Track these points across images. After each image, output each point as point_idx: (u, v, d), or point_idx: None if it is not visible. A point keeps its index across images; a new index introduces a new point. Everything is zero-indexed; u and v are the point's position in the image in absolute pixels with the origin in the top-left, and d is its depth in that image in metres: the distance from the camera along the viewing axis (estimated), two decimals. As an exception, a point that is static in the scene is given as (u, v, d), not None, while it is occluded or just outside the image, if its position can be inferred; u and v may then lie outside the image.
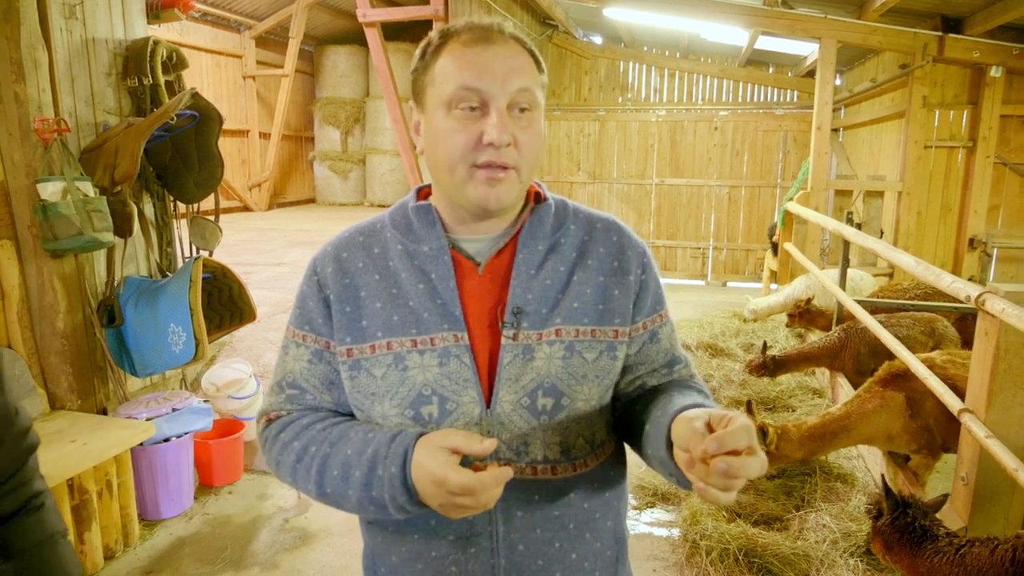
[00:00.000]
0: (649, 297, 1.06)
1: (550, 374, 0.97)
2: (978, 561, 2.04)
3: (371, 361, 0.98)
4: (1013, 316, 2.27)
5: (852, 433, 3.12)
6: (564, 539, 1.00)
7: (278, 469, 1.02)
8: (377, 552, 1.05)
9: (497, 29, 0.95)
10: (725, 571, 2.67)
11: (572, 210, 1.08)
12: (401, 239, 1.03)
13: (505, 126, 0.91)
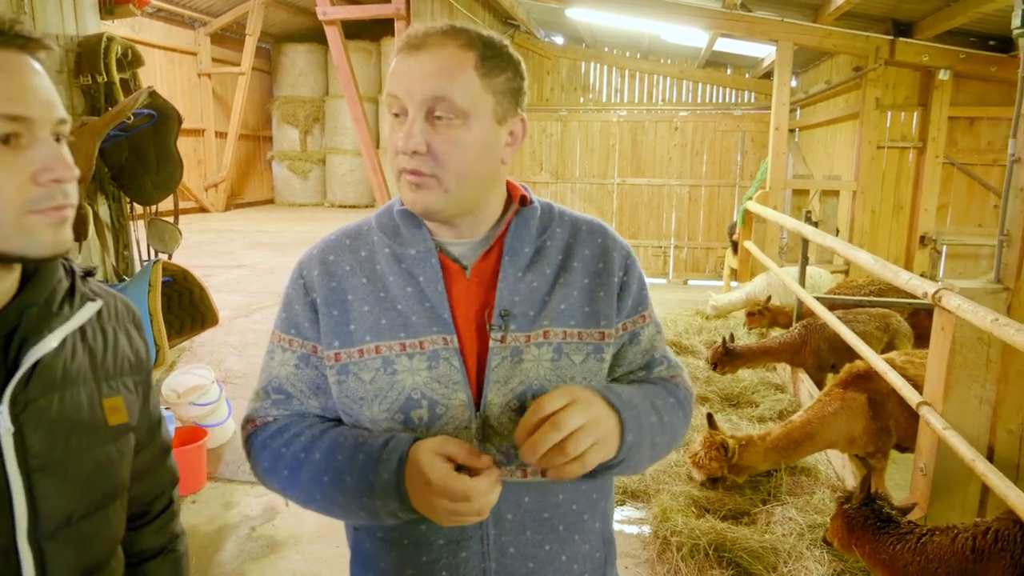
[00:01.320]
0: (630, 299, 1.06)
1: (539, 376, 0.97)
2: (939, 550, 2.11)
3: (359, 365, 0.97)
4: (968, 312, 2.35)
5: (816, 439, 3.20)
6: (554, 541, 1.00)
7: (265, 476, 1.00)
8: (365, 559, 1.03)
9: (437, 32, 0.93)
10: (696, 566, 2.70)
11: (558, 213, 1.07)
12: (388, 242, 1.02)
13: (412, 134, 0.91)
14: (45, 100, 0.75)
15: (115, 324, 0.92)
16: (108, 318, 0.91)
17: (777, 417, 4.27)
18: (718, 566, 2.70)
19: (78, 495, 0.82)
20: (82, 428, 0.83)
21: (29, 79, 0.74)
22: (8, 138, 0.72)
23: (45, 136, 0.75)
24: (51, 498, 0.78)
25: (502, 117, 0.96)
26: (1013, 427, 2.64)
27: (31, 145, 0.73)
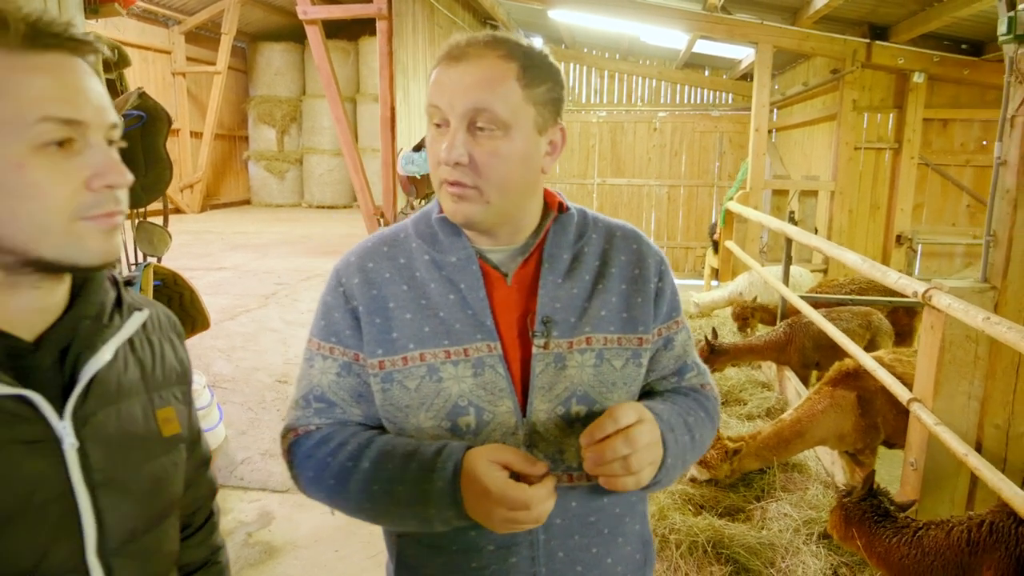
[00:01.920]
0: (665, 304, 1.08)
1: (582, 382, 0.98)
2: (935, 543, 2.17)
3: (404, 373, 0.97)
4: (959, 311, 2.41)
5: (806, 437, 3.26)
6: (600, 544, 1.01)
7: (309, 486, 1.00)
8: (410, 566, 1.04)
9: (479, 42, 0.93)
10: (695, 563, 2.74)
11: (592, 219, 1.08)
12: (427, 249, 1.02)
13: (454, 145, 0.91)
14: (98, 104, 0.73)
15: (159, 334, 0.91)
16: (152, 328, 0.90)
17: (765, 415, 4.34)
18: (716, 562, 2.74)
19: (139, 509, 0.81)
20: (139, 441, 0.82)
21: (83, 82, 0.72)
22: (62, 142, 0.71)
23: (98, 141, 0.73)
24: (115, 513, 0.77)
25: (542, 127, 0.97)
26: (1000, 422, 2.72)
27: (84, 150, 0.72)
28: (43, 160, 0.69)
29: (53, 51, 0.70)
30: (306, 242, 8.83)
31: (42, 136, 0.69)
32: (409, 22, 8.60)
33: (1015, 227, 2.56)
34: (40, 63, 0.69)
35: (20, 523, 0.69)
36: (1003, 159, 2.60)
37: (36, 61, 0.69)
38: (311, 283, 6.43)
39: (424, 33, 9.26)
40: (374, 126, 12.12)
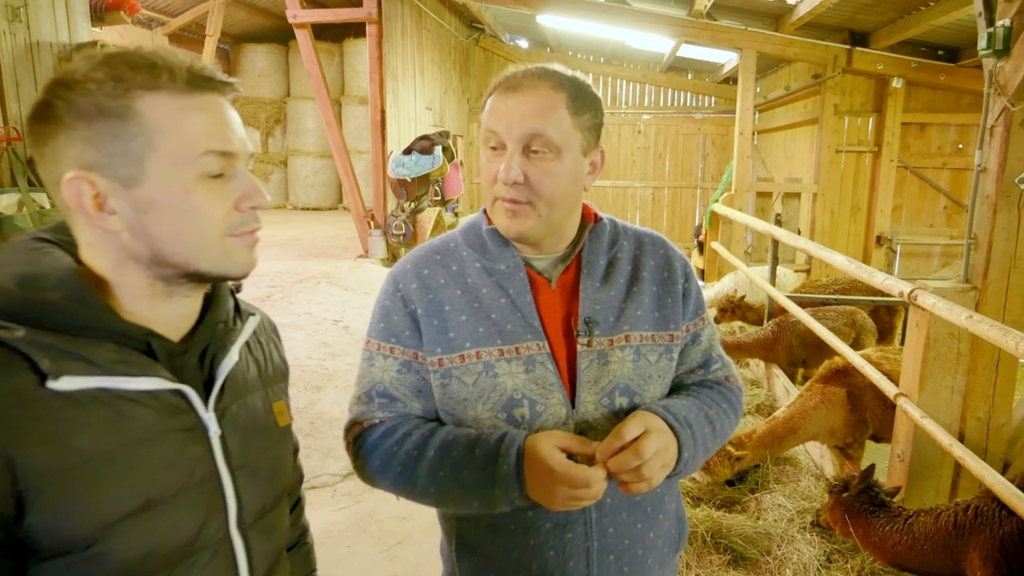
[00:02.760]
0: (692, 303, 1.19)
1: (623, 376, 1.09)
2: (925, 528, 2.30)
3: (461, 369, 1.07)
4: (944, 310, 2.55)
5: (799, 433, 3.39)
6: (644, 520, 1.12)
7: (376, 474, 1.08)
8: (470, 545, 1.13)
9: (532, 74, 1.04)
10: (695, 552, 2.85)
11: (621, 227, 1.19)
12: (477, 257, 1.12)
13: (511, 166, 1.02)
14: (241, 136, 0.83)
15: (266, 336, 1.01)
16: (261, 331, 1.00)
17: (754, 411, 4.47)
18: (715, 551, 2.86)
19: (265, 490, 0.91)
20: (261, 430, 0.92)
21: (230, 118, 0.82)
22: (222, 172, 0.81)
23: (243, 168, 0.83)
24: (249, 493, 0.88)
25: (586, 149, 1.08)
26: (981, 414, 2.86)
27: (233, 176, 0.82)
28: (204, 186, 0.80)
29: (208, 92, 0.80)
30: (296, 244, 8.85)
31: (205, 167, 0.79)
32: (398, 26, 8.67)
33: (994, 231, 2.71)
34: (200, 103, 0.80)
35: (186, 498, 0.81)
36: (983, 167, 2.75)
37: (197, 102, 0.79)
38: (304, 285, 6.47)
39: (412, 36, 9.33)
40: (359, 128, 12.17)
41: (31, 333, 0.73)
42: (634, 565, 1.12)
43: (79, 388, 0.74)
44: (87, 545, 0.73)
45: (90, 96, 0.75)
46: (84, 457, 0.73)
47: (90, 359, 0.75)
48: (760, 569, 2.77)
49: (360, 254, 8.19)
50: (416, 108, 9.53)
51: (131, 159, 0.77)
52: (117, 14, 3.61)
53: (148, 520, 0.77)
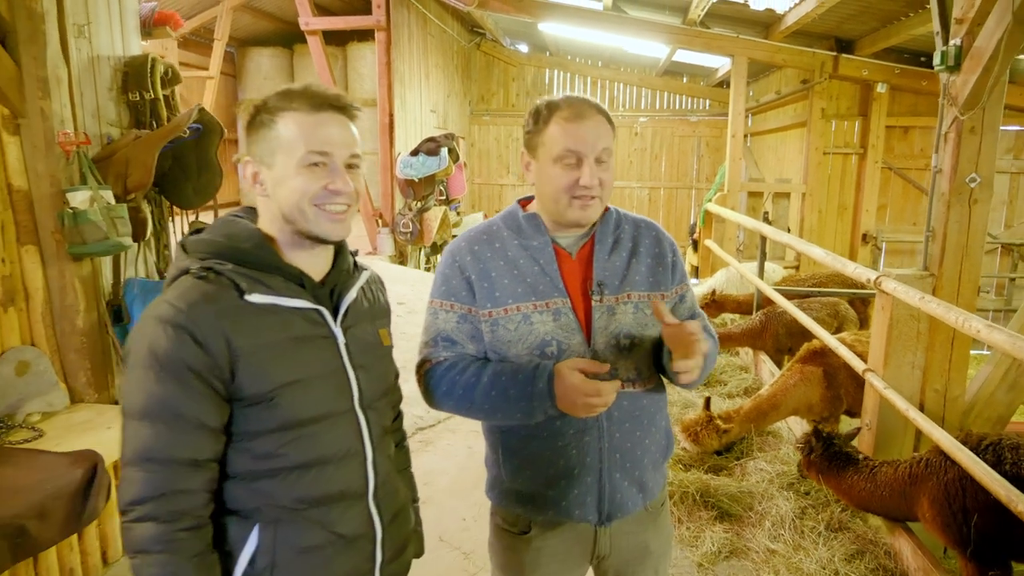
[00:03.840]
0: (677, 272, 1.56)
1: (626, 324, 1.45)
2: (886, 477, 2.68)
3: (506, 319, 1.43)
4: (903, 293, 2.92)
5: (781, 408, 3.78)
6: (641, 429, 1.49)
7: (443, 398, 1.44)
8: (513, 450, 1.50)
9: (592, 107, 1.42)
10: (686, 510, 3.22)
11: (623, 215, 1.57)
12: (515, 237, 1.49)
13: (593, 174, 1.40)
14: (342, 143, 1.21)
15: (375, 285, 1.41)
16: (371, 281, 1.40)
17: (743, 393, 4.84)
18: (704, 508, 3.23)
19: (375, 385, 1.31)
20: (372, 345, 1.33)
21: (336, 129, 1.21)
22: (318, 163, 1.19)
23: (338, 164, 1.20)
24: (365, 384, 1.27)
25: None
26: (938, 387, 3.23)
27: (327, 168, 1.20)
28: (304, 171, 1.19)
29: (326, 111, 1.20)
30: (306, 242, 9.16)
31: (304, 161, 1.19)
32: (404, 33, 9.02)
33: (948, 224, 3.08)
34: (317, 120, 1.19)
35: (324, 381, 1.22)
36: (939, 168, 3.13)
37: (317, 118, 1.19)
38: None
39: (418, 42, 9.69)
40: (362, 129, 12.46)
41: (234, 268, 1.17)
42: (634, 462, 1.49)
43: (261, 302, 1.17)
44: (268, 399, 1.15)
45: (259, 114, 1.22)
46: (265, 343, 1.16)
47: (267, 284, 1.19)
48: (743, 523, 3.15)
49: (369, 251, 8.55)
50: (421, 111, 9.88)
51: (269, 152, 1.20)
52: (163, 29, 3.96)
53: (301, 389, 1.18)
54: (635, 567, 1.59)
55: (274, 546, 1.18)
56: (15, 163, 3.09)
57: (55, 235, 3.18)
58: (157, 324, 1.11)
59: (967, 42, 2.91)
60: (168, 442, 1.09)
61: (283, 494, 1.18)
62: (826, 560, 2.69)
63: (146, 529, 1.08)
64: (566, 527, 1.52)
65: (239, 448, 1.16)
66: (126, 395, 1.13)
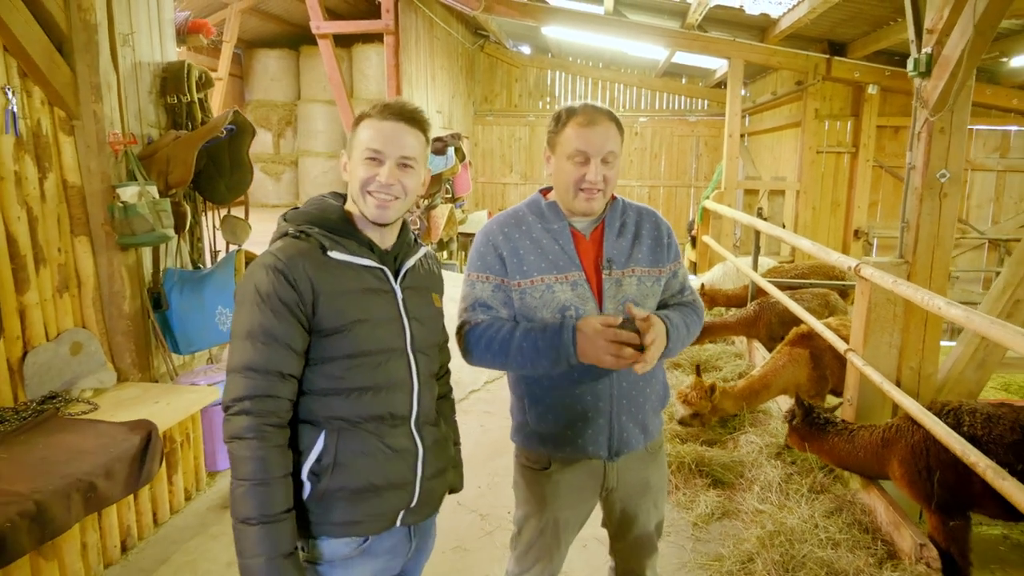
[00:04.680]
0: (672, 252, 1.86)
1: (631, 293, 1.75)
2: (862, 440, 2.98)
3: (532, 289, 1.73)
4: (879, 278, 3.21)
5: (771, 387, 4.07)
6: (643, 380, 1.79)
7: (481, 355, 1.72)
8: (535, 398, 1.79)
9: (602, 113, 1.70)
10: (683, 477, 3.52)
11: (627, 203, 1.86)
12: (538, 220, 1.79)
13: (598, 172, 1.68)
14: (396, 145, 1.50)
15: (431, 260, 1.71)
16: (427, 257, 1.70)
17: (737, 378, 5.13)
18: (699, 477, 3.52)
19: (427, 335, 1.61)
20: (425, 303, 1.63)
21: (395, 134, 1.50)
22: (374, 159, 1.50)
23: (390, 162, 1.50)
24: (417, 331, 1.58)
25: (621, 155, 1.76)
26: (914, 364, 3.52)
27: (383, 164, 1.50)
28: (363, 164, 1.50)
29: (391, 120, 1.50)
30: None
31: (364, 155, 1.50)
32: (412, 36, 9.31)
33: (921, 216, 3.38)
34: (382, 125, 1.50)
35: (386, 324, 1.53)
36: (913, 165, 3.42)
37: (382, 124, 1.50)
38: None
39: (424, 45, 9.98)
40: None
41: (320, 232, 1.51)
42: (638, 407, 1.79)
43: (340, 258, 1.49)
44: (342, 330, 1.46)
45: (358, 119, 1.55)
46: (342, 289, 1.47)
47: (345, 247, 1.51)
48: (735, 488, 3.45)
49: (378, 247, 8.84)
50: (428, 112, 10.17)
51: (352, 147, 1.54)
52: (196, 37, 4.25)
53: (368, 327, 1.49)
54: (638, 500, 1.90)
55: (336, 449, 1.47)
56: (70, 161, 3.39)
57: (105, 227, 3.48)
58: (262, 269, 1.43)
59: (937, 51, 3.20)
60: (265, 357, 1.40)
61: (347, 409, 1.47)
62: (807, 516, 2.99)
63: (243, 420, 1.38)
64: (581, 463, 1.82)
65: (315, 370, 1.47)
66: (235, 322, 1.46)
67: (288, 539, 1.40)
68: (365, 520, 1.51)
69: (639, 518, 1.92)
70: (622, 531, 1.96)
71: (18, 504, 2.35)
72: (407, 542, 1.62)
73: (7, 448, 2.75)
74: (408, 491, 1.55)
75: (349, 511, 1.49)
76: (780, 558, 2.69)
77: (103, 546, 2.91)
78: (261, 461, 1.37)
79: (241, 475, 1.38)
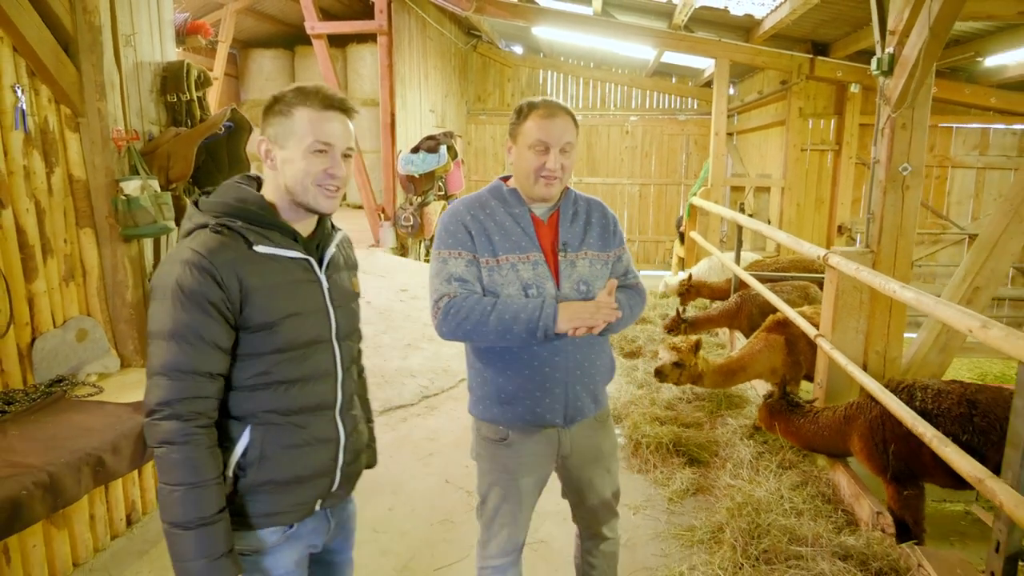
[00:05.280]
0: (617, 237, 2.05)
1: (584, 274, 1.94)
2: (826, 419, 3.17)
3: (499, 267, 1.90)
4: (844, 266, 3.40)
5: (748, 370, 4.26)
6: (594, 352, 1.98)
7: (457, 328, 1.86)
8: (497, 371, 1.95)
9: (560, 107, 1.88)
10: (660, 457, 3.70)
11: (577, 194, 2.05)
12: (501, 205, 1.96)
13: (557, 160, 1.86)
14: (342, 137, 1.52)
15: (346, 244, 1.77)
16: (344, 240, 1.74)
17: (719, 367, 5.32)
18: (676, 456, 3.71)
19: (348, 323, 1.66)
20: (345, 291, 1.67)
21: (338, 126, 1.52)
22: (322, 151, 1.49)
23: (337, 154, 1.52)
24: (340, 320, 1.62)
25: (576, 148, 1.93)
26: (879, 348, 3.71)
27: (329, 156, 1.51)
28: (309, 157, 1.48)
29: (332, 111, 1.54)
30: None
31: (311, 148, 1.49)
32: (405, 36, 9.48)
33: (885, 207, 3.56)
34: (325, 116, 1.52)
35: (312, 316, 1.56)
36: (877, 159, 3.61)
37: (324, 115, 1.50)
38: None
39: (417, 45, 10.14)
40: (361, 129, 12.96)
41: (244, 224, 1.48)
42: (590, 377, 1.98)
43: (266, 252, 1.48)
44: (270, 326, 1.47)
45: (279, 104, 1.51)
46: (270, 283, 1.47)
47: (269, 239, 1.50)
48: (709, 466, 3.63)
49: (372, 244, 9.01)
50: (421, 111, 10.34)
51: (283, 136, 1.49)
52: (195, 38, 4.42)
53: (296, 321, 1.51)
54: (592, 465, 2.08)
55: (262, 443, 1.49)
56: (75, 156, 3.55)
57: (109, 219, 3.64)
58: (184, 266, 1.40)
59: (898, 51, 3.39)
60: (191, 358, 1.38)
61: (274, 403, 1.49)
62: (774, 489, 3.17)
63: (171, 424, 1.37)
64: (537, 432, 1.98)
65: (242, 366, 1.47)
66: (154, 321, 1.41)
67: (225, 538, 1.41)
68: (290, 510, 1.55)
69: (595, 483, 2.10)
70: (581, 497, 2.13)
71: (32, 475, 2.52)
72: (325, 522, 1.67)
73: (19, 426, 2.92)
74: (330, 478, 1.61)
75: (274, 503, 1.52)
76: (747, 526, 2.87)
77: (110, 519, 3.07)
78: (193, 466, 1.37)
79: (172, 480, 1.37)
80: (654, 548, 3.04)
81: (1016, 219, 3.58)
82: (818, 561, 2.59)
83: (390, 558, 3.03)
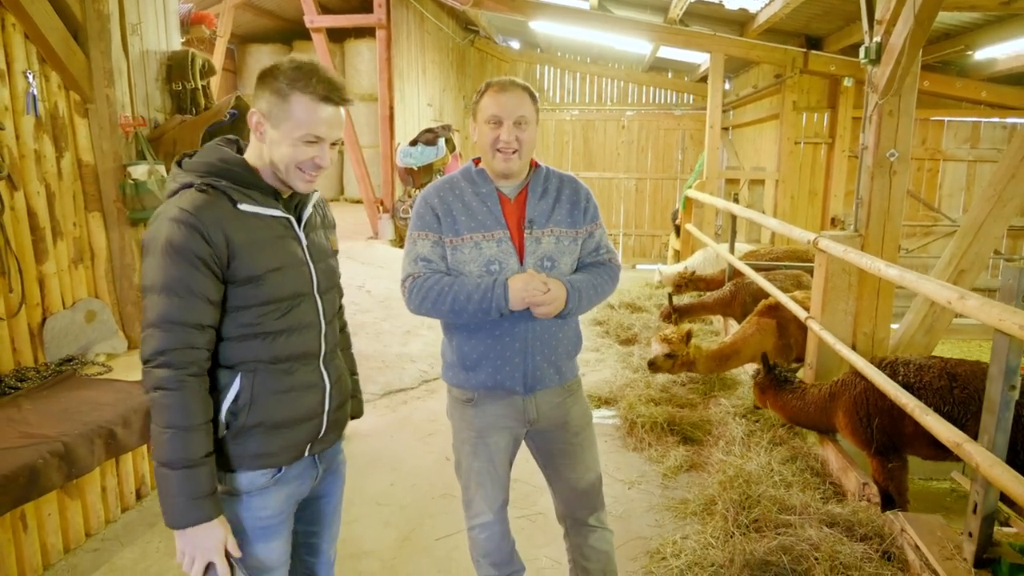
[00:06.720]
0: (589, 215, 2.11)
1: (549, 250, 2.01)
2: (812, 396, 3.27)
3: (463, 245, 1.98)
4: (833, 249, 3.50)
5: (741, 354, 4.36)
6: (556, 327, 2.05)
7: (421, 304, 1.95)
8: (463, 341, 2.04)
9: (514, 84, 1.95)
10: (655, 436, 3.80)
11: (551, 171, 2.12)
12: (470, 186, 2.04)
13: (511, 132, 1.92)
14: (332, 127, 1.58)
15: (323, 205, 1.85)
16: (320, 201, 1.83)
17: (712, 353, 5.43)
18: (670, 434, 3.81)
19: (327, 279, 1.74)
20: (324, 248, 1.75)
21: (333, 118, 1.58)
22: (313, 142, 1.56)
23: (326, 145, 1.59)
24: (320, 276, 1.70)
25: (537, 122, 2.02)
26: (867, 330, 3.82)
27: (320, 147, 1.57)
28: (299, 145, 1.55)
29: (329, 103, 1.60)
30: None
31: (303, 138, 1.55)
32: (403, 30, 9.55)
33: (872, 192, 3.67)
34: (321, 108, 1.55)
35: (293, 270, 1.63)
36: (865, 145, 3.71)
37: (320, 107, 1.55)
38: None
39: (415, 39, 10.22)
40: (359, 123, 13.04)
41: (228, 184, 1.55)
42: (550, 350, 2.05)
43: (249, 210, 1.56)
44: (256, 280, 1.55)
45: (276, 82, 1.54)
46: (254, 239, 1.55)
47: (253, 198, 1.58)
48: (702, 444, 3.73)
49: (371, 236, 9.09)
50: (419, 105, 10.42)
51: (277, 117, 1.54)
52: (199, 28, 4.51)
53: (280, 274, 1.59)
54: (560, 432, 2.14)
55: (252, 389, 1.58)
56: (84, 142, 3.64)
57: (116, 203, 3.73)
58: (173, 223, 1.46)
59: (885, 40, 3.49)
60: (183, 309, 1.46)
61: (263, 351, 1.58)
62: (765, 463, 3.28)
63: (164, 372, 1.45)
64: (502, 396, 2.06)
65: (231, 317, 1.56)
66: (147, 276, 1.49)
67: (208, 481, 1.49)
68: (279, 452, 1.64)
69: (568, 452, 2.14)
70: (555, 470, 2.17)
71: (48, 444, 2.61)
72: (313, 468, 1.76)
73: (33, 401, 3.01)
74: (317, 423, 1.70)
75: (264, 444, 1.61)
76: (738, 497, 2.98)
77: (120, 491, 3.16)
78: (183, 410, 1.45)
79: (163, 423, 1.45)
80: (648, 519, 3.14)
81: (999, 204, 3.68)
82: (806, 528, 2.70)
83: (392, 530, 3.13)
